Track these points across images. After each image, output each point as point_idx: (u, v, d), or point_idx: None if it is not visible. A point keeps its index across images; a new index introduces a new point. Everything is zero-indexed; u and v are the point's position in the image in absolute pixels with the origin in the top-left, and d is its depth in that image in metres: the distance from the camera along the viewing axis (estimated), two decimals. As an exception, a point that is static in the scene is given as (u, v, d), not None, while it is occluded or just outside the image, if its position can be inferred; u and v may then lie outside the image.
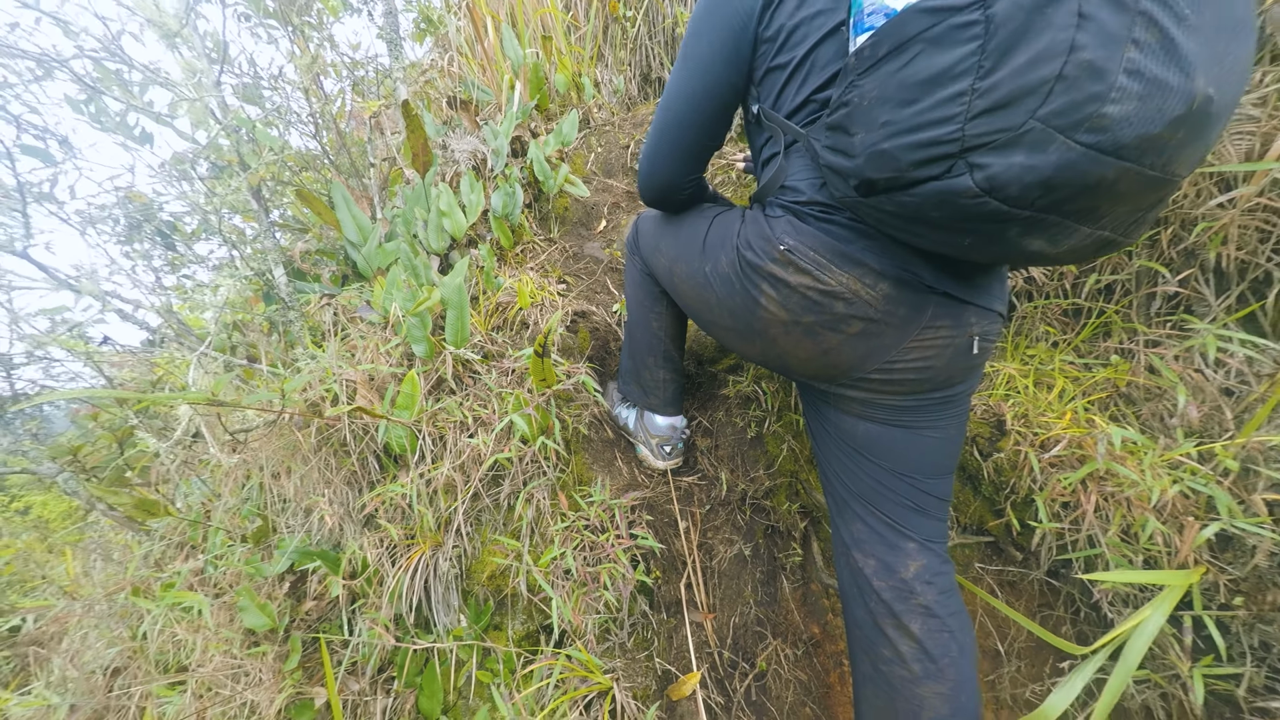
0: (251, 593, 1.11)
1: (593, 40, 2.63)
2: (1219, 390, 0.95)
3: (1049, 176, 0.43)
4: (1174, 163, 0.43)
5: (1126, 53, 0.40)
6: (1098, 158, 0.42)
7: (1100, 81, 0.40)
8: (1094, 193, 0.44)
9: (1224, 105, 0.42)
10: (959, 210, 0.49)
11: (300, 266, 1.44)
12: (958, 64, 0.45)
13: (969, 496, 1.11)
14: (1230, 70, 0.42)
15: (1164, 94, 0.40)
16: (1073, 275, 1.16)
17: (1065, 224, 0.47)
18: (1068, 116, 0.41)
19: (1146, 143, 0.41)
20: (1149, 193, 0.45)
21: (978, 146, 0.45)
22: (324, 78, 1.87)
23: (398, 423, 0.98)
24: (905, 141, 0.49)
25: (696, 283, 0.84)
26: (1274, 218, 0.90)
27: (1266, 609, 0.81)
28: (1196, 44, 0.40)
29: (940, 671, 0.73)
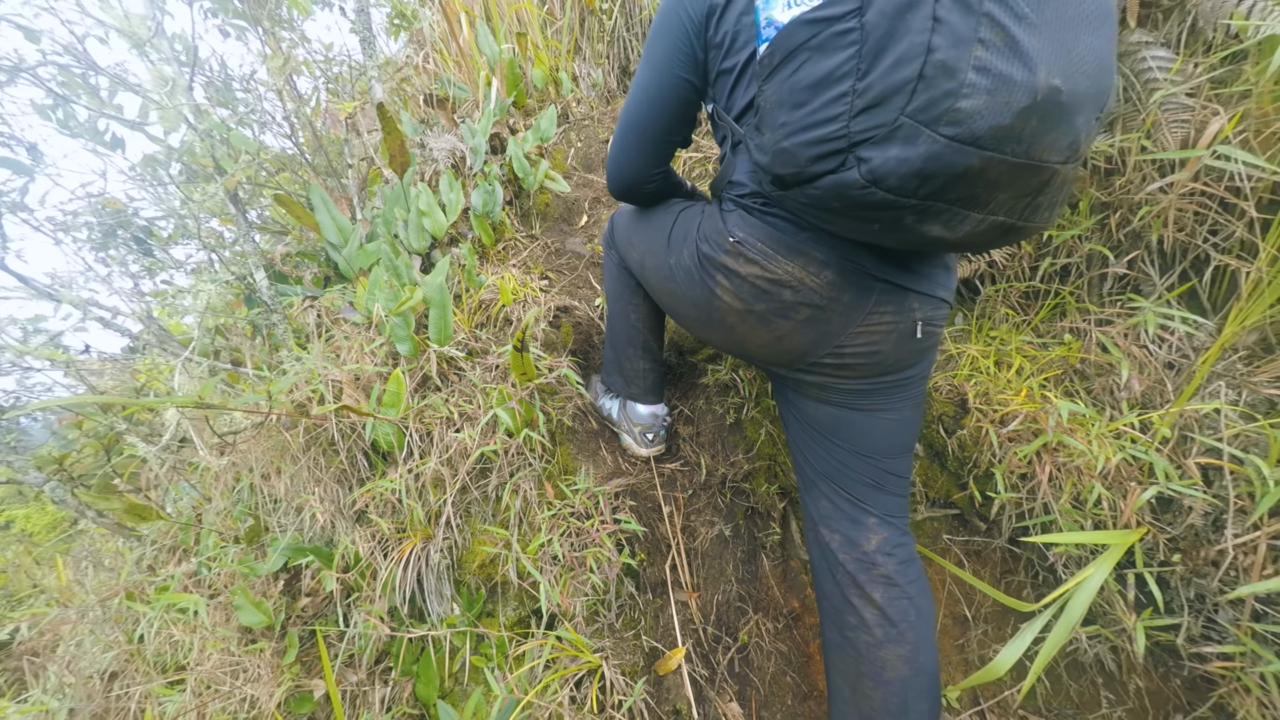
0: (246, 591, 1.13)
1: (569, 34, 2.62)
2: (1162, 364, 1.01)
3: (921, 167, 0.47)
4: (1036, 149, 0.46)
5: (974, 51, 0.43)
6: (960, 148, 0.45)
7: (952, 79, 0.44)
8: (967, 181, 0.48)
9: (1078, 93, 0.45)
10: (854, 201, 0.52)
11: (281, 269, 1.44)
12: (839, 68, 0.49)
13: (936, 472, 1.17)
14: (1080, 61, 0.45)
15: (1009, 88, 0.43)
16: (1031, 258, 1.21)
17: (954, 210, 0.51)
18: (929, 112, 0.45)
19: (1000, 132, 0.45)
20: (1024, 178, 0.49)
21: (862, 142, 0.49)
22: (298, 77, 1.85)
23: (384, 420, 1.00)
24: (801, 140, 0.53)
25: (663, 275, 0.88)
26: (1209, 201, 0.96)
27: (1201, 564, 0.87)
28: (1039, 40, 0.43)
29: (901, 635, 0.78)
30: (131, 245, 1.66)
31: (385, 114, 1.20)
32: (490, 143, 1.92)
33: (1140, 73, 1.01)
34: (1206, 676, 0.93)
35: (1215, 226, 0.99)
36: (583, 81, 2.64)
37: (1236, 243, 0.97)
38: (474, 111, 2.02)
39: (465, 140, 1.70)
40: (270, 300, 1.37)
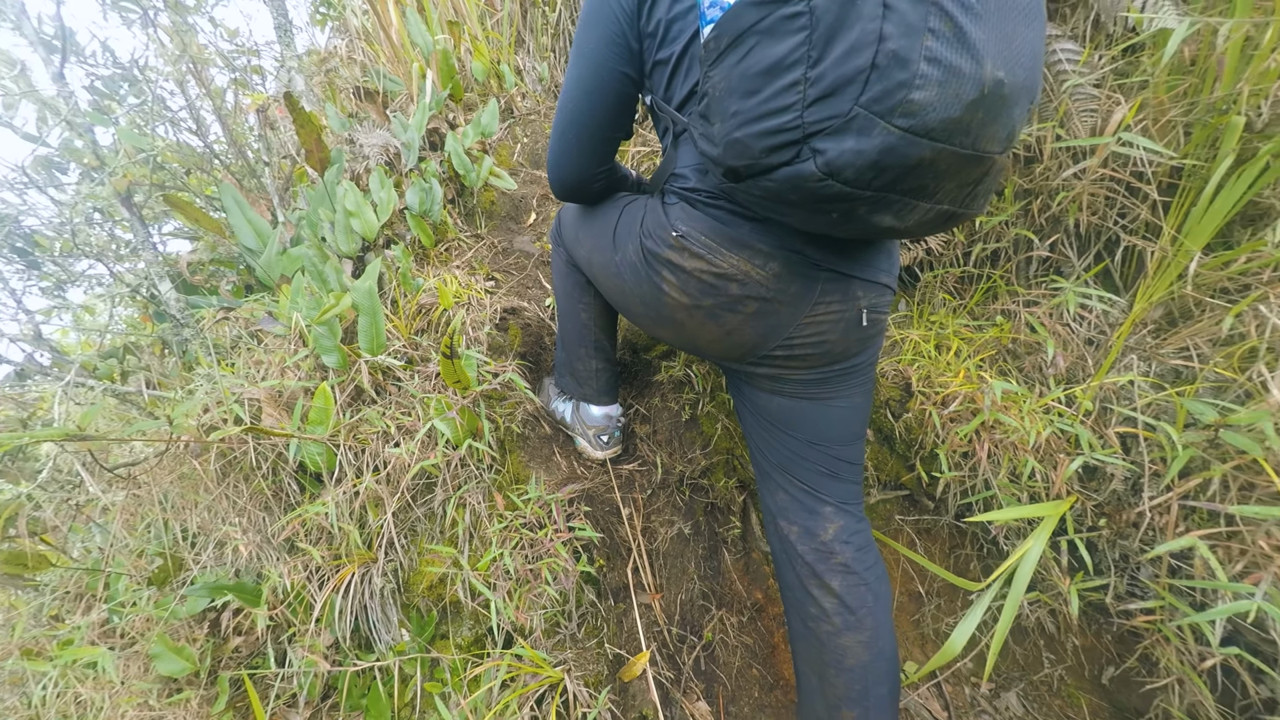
0: (165, 638, 1.01)
1: (511, 26, 2.52)
2: (1083, 341, 1.07)
3: (876, 159, 0.46)
4: (981, 140, 0.47)
5: (925, 41, 0.43)
6: (914, 140, 0.45)
7: (905, 70, 0.43)
8: (919, 172, 0.47)
9: (1017, 86, 0.46)
10: (810, 193, 0.51)
11: (191, 279, 1.31)
12: (790, 54, 0.47)
13: (886, 455, 1.19)
14: (1019, 54, 0.45)
15: (959, 80, 0.43)
16: (964, 245, 1.26)
17: (905, 201, 0.50)
18: (884, 103, 0.44)
19: (951, 124, 0.44)
20: (969, 169, 0.49)
21: (816, 133, 0.47)
22: (205, 67, 1.68)
23: (310, 439, 0.91)
24: (754, 130, 0.51)
25: (610, 273, 0.84)
26: (1117, 186, 1.02)
27: (1124, 527, 0.93)
28: (984, 31, 0.43)
29: (859, 622, 0.78)
30: (12, 257, 1.46)
31: (295, 104, 1.10)
32: (428, 138, 1.81)
33: (1052, 64, 1.06)
34: (1133, 630, 0.99)
35: (1124, 209, 1.05)
36: (527, 75, 2.55)
37: (1142, 224, 1.03)
38: (408, 105, 1.90)
39: (398, 135, 1.60)
40: (180, 314, 1.23)
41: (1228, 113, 0.87)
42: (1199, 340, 0.92)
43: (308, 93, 1.74)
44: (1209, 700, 0.86)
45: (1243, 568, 0.79)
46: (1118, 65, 1.02)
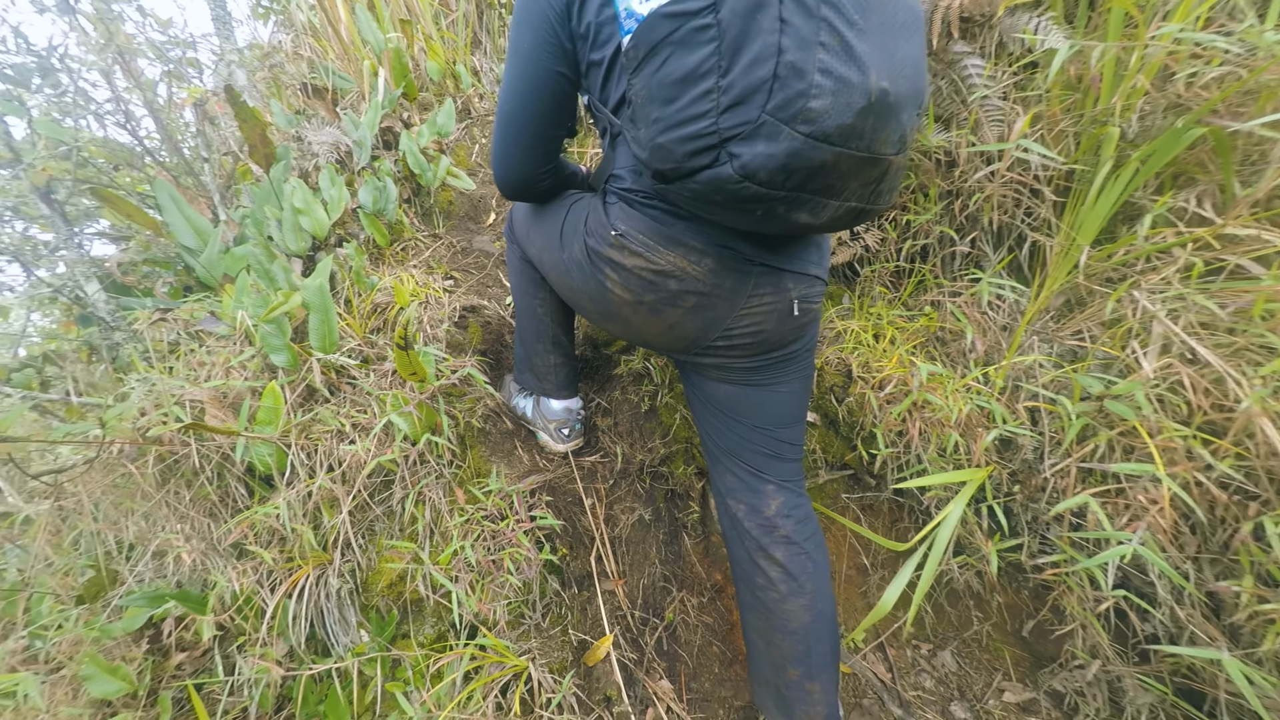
0: (98, 658, 0.95)
1: (467, 26, 2.51)
2: (999, 327, 1.18)
3: (784, 162, 0.51)
4: (875, 144, 0.52)
5: (818, 55, 0.47)
6: (815, 145, 0.49)
7: (802, 80, 0.48)
8: (824, 173, 0.52)
9: (902, 95, 0.51)
10: (731, 193, 0.55)
11: (123, 280, 1.23)
12: (702, 64, 0.51)
13: (831, 438, 1.27)
14: (901, 66, 0.50)
15: (849, 90, 0.48)
16: (897, 242, 1.36)
17: (816, 200, 0.56)
18: (786, 110, 0.49)
19: (846, 130, 0.49)
20: (868, 169, 0.54)
21: (731, 138, 0.51)
22: (134, 58, 1.59)
23: (259, 439, 0.89)
24: (675, 135, 0.54)
25: (560, 270, 0.86)
26: (1021, 188, 1.14)
27: (1034, 491, 1.04)
28: (869, 46, 0.48)
29: (801, 587, 0.84)
30: (-93, 259, 1.33)
31: (237, 98, 1.06)
32: (381, 137, 1.78)
33: (965, 78, 1.17)
34: (1045, 584, 1.10)
35: (1029, 209, 1.17)
36: (485, 76, 2.54)
37: (1044, 222, 1.16)
38: (360, 103, 1.86)
39: (349, 133, 1.57)
40: (110, 316, 1.16)
41: (1106, 124, 1.00)
42: (1090, 323, 1.04)
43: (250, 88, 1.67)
44: (1105, 640, 0.98)
45: (1127, 520, 0.90)
46: (1019, 80, 1.14)
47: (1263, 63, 0.83)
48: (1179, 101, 0.96)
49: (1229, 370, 0.83)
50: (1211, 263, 0.93)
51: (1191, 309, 0.90)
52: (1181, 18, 0.90)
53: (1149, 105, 0.99)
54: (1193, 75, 0.93)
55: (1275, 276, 0.83)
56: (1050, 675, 1.09)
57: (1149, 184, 1.04)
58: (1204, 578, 0.89)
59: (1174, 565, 0.89)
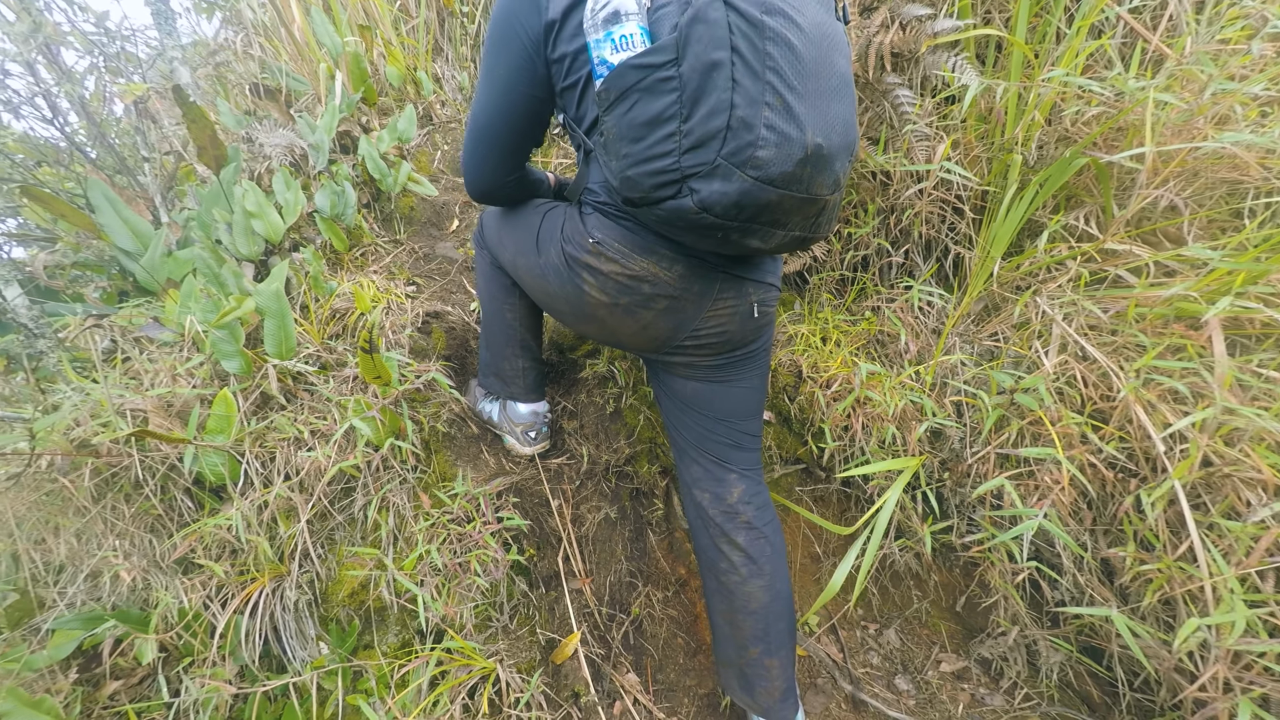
0: (18, 691, 0.88)
1: (427, 33, 2.48)
2: (929, 330, 1.30)
3: (737, 200, 0.58)
4: (813, 187, 0.60)
5: (764, 112, 0.55)
6: (762, 187, 0.58)
7: (751, 132, 0.55)
8: (771, 210, 0.60)
9: (834, 147, 0.59)
10: (691, 222, 0.62)
11: (48, 284, 1.15)
12: (666, 110, 0.58)
13: (785, 434, 1.35)
14: (833, 123, 0.58)
15: (790, 143, 0.56)
16: (840, 253, 1.47)
17: (765, 229, 0.64)
18: (738, 157, 0.56)
19: (788, 177, 0.57)
20: (807, 207, 0.62)
21: (691, 175, 0.59)
22: (61, 49, 1.48)
23: (210, 448, 0.86)
24: (643, 170, 0.62)
25: (535, 274, 0.90)
26: (945, 206, 1.27)
27: (960, 477, 1.15)
28: (805, 107, 0.56)
29: (760, 569, 0.90)
30: None
31: (185, 98, 1.03)
32: (339, 141, 1.74)
33: (897, 107, 1.30)
34: (972, 561, 1.21)
35: (951, 224, 1.30)
36: (447, 84, 2.52)
37: (965, 236, 1.29)
38: (315, 106, 1.81)
39: (305, 136, 1.52)
40: (33, 323, 1.08)
41: (1011, 152, 1.14)
42: (1003, 326, 1.17)
43: (194, 86, 1.59)
44: (1022, 608, 1.09)
45: (1036, 498, 1.01)
46: (941, 111, 1.27)
47: (1127, 105, 0.98)
48: (1068, 134, 1.11)
49: (1111, 365, 0.96)
50: (1097, 273, 1.08)
51: (1082, 313, 1.03)
52: (1066, 64, 1.04)
53: (1045, 136, 1.13)
54: (1077, 113, 1.08)
55: (1144, 285, 0.98)
56: (979, 644, 1.20)
57: (1047, 204, 1.19)
58: (1099, 546, 1.01)
59: (1075, 537, 1.01)
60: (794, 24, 0.56)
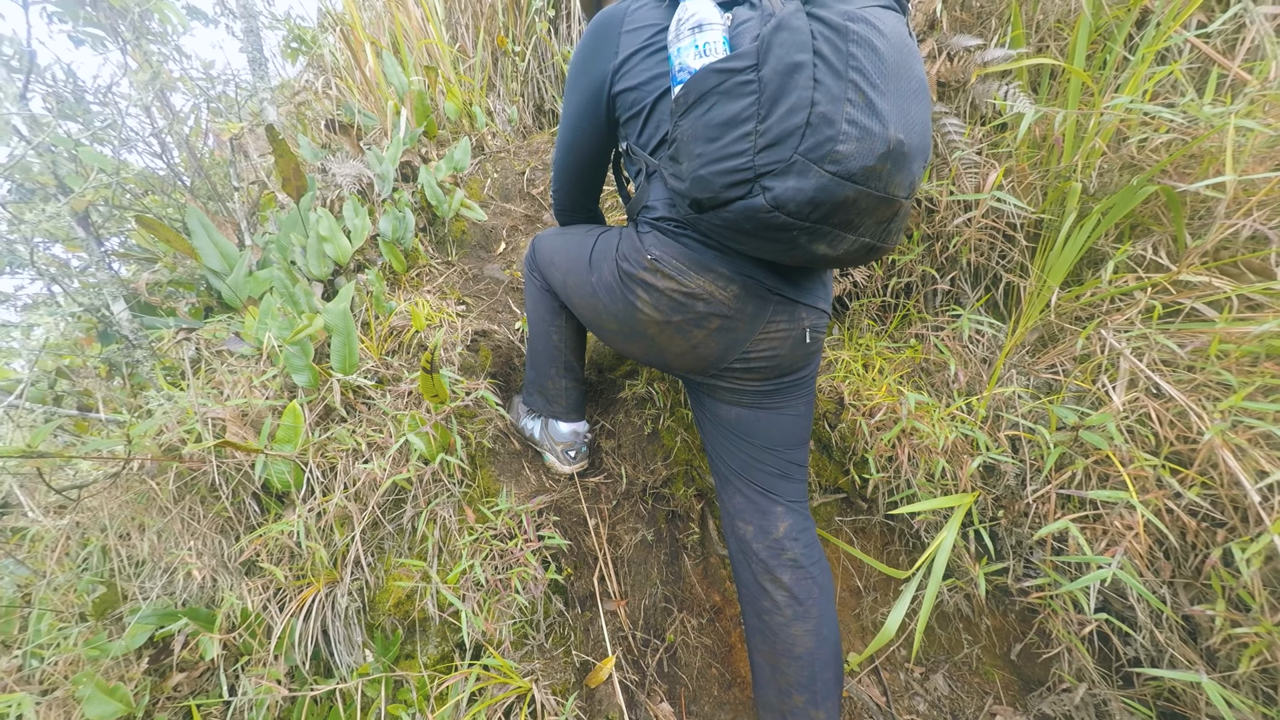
0: (95, 678, 0.92)
1: (483, 71, 2.62)
2: (979, 360, 1.23)
3: (812, 196, 0.57)
4: (890, 186, 0.58)
5: (845, 109, 0.55)
6: (841, 182, 0.56)
7: (832, 127, 0.55)
8: (846, 208, 0.58)
9: (914, 146, 0.57)
10: (761, 223, 0.61)
11: (148, 300, 1.24)
12: (743, 111, 0.59)
13: (825, 462, 1.30)
14: (914, 123, 0.57)
15: (872, 138, 0.55)
16: (883, 279, 1.42)
17: (835, 233, 0.61)
18: (817, 152, 0.55)
19: (868, 172, 0.56)
20: (882, 208, 0.60)
21: (766, 173, 0.58)
22: (171, 93, 1.64)
23: (279, 457, 0.89)
24: (716, 169, 0.61)
25: (586, 293, 0.91)
26: (996, 233, 1.21)
27: (1017, 516, 1.06)
28: (888, 104, 0.55)
29: (806, 612, 0.85)
30: (-66, 275, 1.33)
31: (275, 136, 1.11)
32: (401, 171, 1.84)
33: (944, 135, 1.26)
34: (1030, 607, 1.11)
35: (1002, 252, 1.24)
36: (498, 116, 2.64)
37: (1017, 264, 1.22)
38: (382, 139, 1.93)
39: (372, 167, 1.62)
40: (133, 334, 1.17)
41: (1069, 179, 1.08)
42: (1063, 358, 1.09)
43: (279, 123, 1.73)
44: (1090, 663, 0.98)
45: (1105, 544, 0.92)
46: (991, 139, 1.23)
47: (1203, 132, 0.91)
48: (1133, 162, 1.04)
49: (1191, 405, 0.87)
50: (1170, 305, 0.99)
51: (1154, 347, 0.95)
52: (1131, 91, 0.99)
53: (1106, 164, 1.07)
54: (1143, 140, 1.01)
55: (1227, 319, 0.89)
56: (1039, 699, 1.08)
57: (1110, 233, 1.11)
58: (1180, 602, 0.91)
59: (1151, 589, 0.91)
60: (877, 30, 0.56)
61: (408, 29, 2.25)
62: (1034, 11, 1.19)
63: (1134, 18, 1.06)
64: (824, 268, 0.81)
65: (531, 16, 2.66)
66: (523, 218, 2.06)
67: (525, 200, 2.17)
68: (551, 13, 2.71)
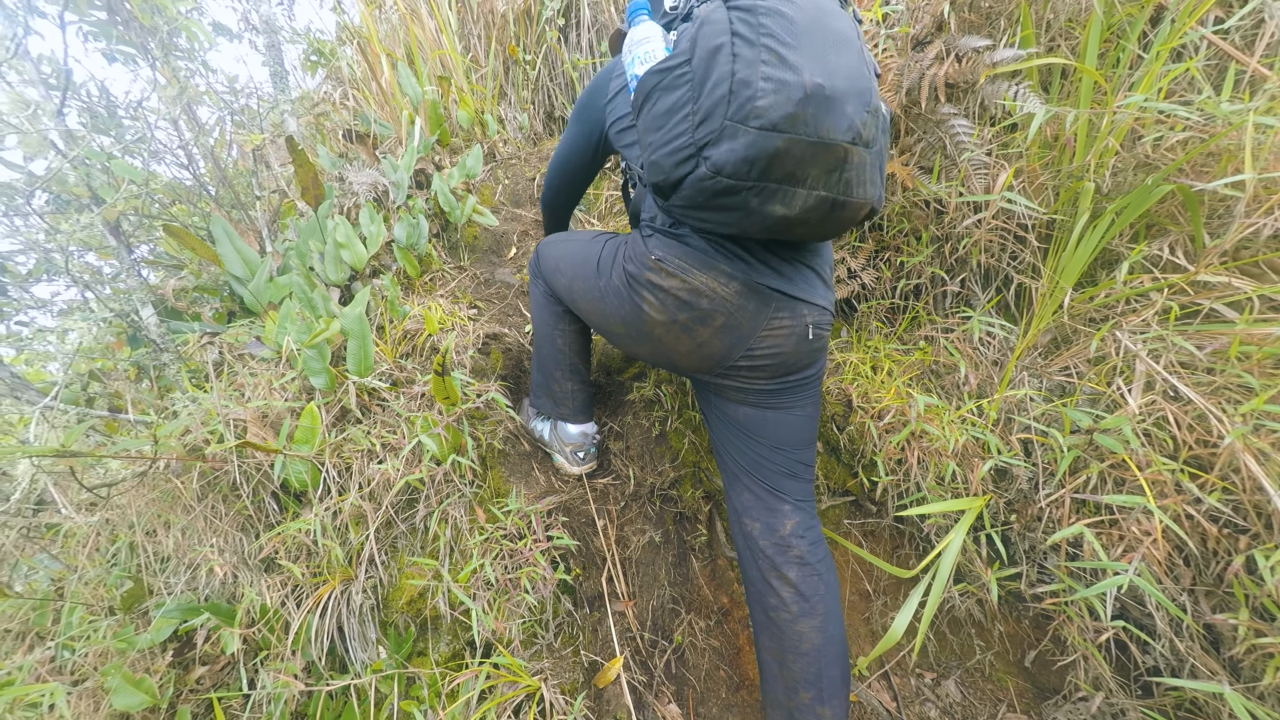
0: (123, 670, 0.95)
1: (494, 80, 2.66)
2: (990, 362, 1.21)
3: (744, 154, 0.60)
4: (821, 129, 0.59)
5: (760, 69, 0.59)
6: (767, 134, 0.59)
7: (749, 89, 0.59)
8: (782, 160, 0.60)
9: (838, 89, 0.59)
10: (709, 191, 0.64)
11: (175, 305, 1.28)
12: (681, 98, 0.64)
13: (833, 465, 1.28)
14: (834, 69, 0.60)
15: (788, 87, 0.58)
16: (891, 281, 1.40)
17: (783, 189, 0.63)
18: (741, 113, 0.60)
19: (791, 119, 0.58)
20: (823, 154, 0.61)
21: (704, 145, 0.63)
22: (197, 106, 1.69)
23: (296, 457, 0.91)
24: (664, 151, 0.67)
25: (593, 297, 0.93)
26: (1006, 234, 1.19)
27: (1030, 520, 1.04)
28: (801, 56, 0.59)
29: (812, 608, 0.84)
30: (-24, 283, 1.39)
31: (295, 146, 1.14)
32: (415, 178, 1.87)
33: (953, 137, 1.24)
34: (1045, 614, 1.09)
35: (1013, 253, 1.22)
36: (509, 124, 2.68)
37: (1028, 266, 1.20)
38: (396, 148, 1.96)
39: (387, 175, 1.65)
40: (160, 339, 1.20)
41: (1082, 179, 1.05)
42: (1076, 360, 1.07)
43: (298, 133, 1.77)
44: (1107, 672, 0.96)
45: (1122, 550, 0.90)
46: (1001, 140, 1.21)
47: (1221, 129, 0.89)
48: (1148, 161, 1.01)
49: (1210, 408, 0.84)
50: (1187, 306, 0.96)
51: (1171, 349, 0.92)
52: (1146, 89, 0.97)
53: (1120, 163, 1.04)
54: (1158, 138, 0.99)
55: (1247, 320, 0.86)
56: (1055, 707, 1.06)
57: (1124, 233, 1.09)
58: (1201, 610, 0.88)
59: (1171, 597, 0.88)
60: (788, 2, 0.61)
61: (422, 40, 2.29)
62: (1044, 11, 1.17)
63: (1148, 15, 1.04)
64: (799, 236, 0.76)
65: (542, 26, 2.69)
66: (533, 222, 2.08)
67: (536, 206, 2.19)
68: (561, 21, 2.74)
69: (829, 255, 0.91)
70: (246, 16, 1.79)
